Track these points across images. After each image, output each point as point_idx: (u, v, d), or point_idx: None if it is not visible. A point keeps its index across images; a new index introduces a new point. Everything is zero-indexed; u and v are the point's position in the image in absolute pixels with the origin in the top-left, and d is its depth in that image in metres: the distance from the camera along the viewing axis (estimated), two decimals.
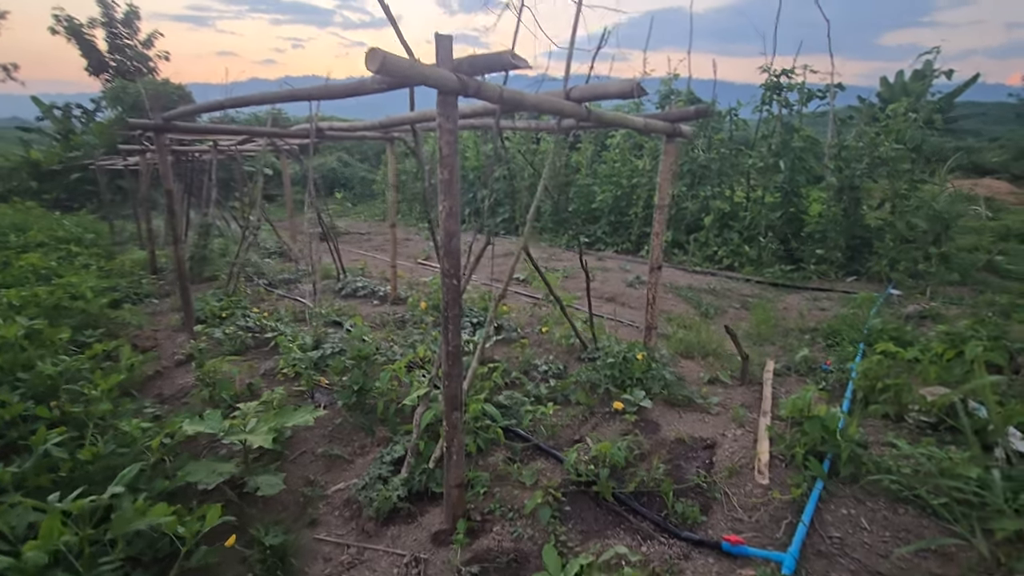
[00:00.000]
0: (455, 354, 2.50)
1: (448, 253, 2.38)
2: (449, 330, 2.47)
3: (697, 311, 6.61)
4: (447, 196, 2.32)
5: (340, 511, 2.83)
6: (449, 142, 2.25)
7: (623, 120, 3.32)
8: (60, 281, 5.70)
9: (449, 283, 2.41)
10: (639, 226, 10.51)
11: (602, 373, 4.08)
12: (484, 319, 5.35)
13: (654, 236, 4.12)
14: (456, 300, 2.44)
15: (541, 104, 2.67)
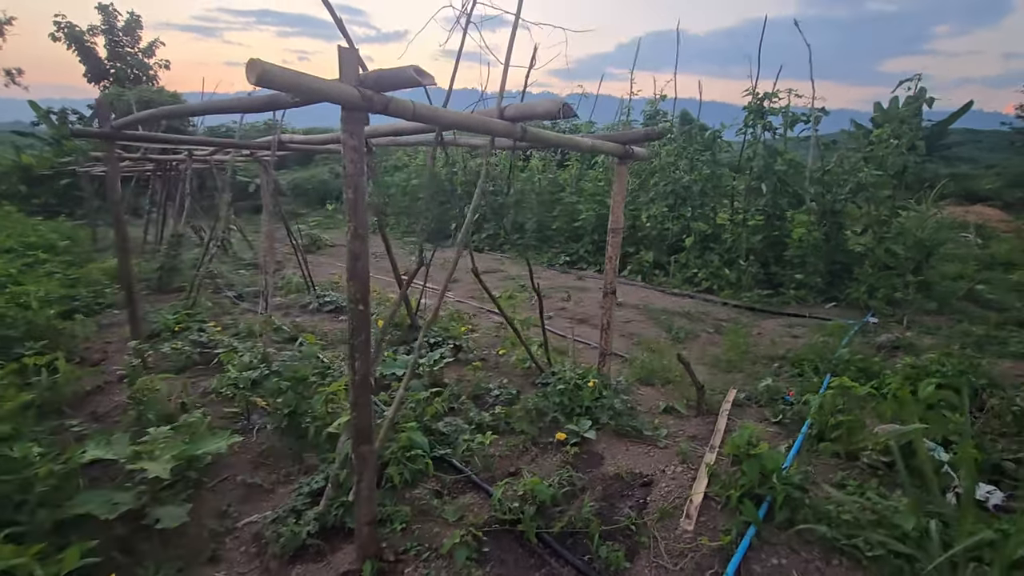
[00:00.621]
0: (363, 384, 2.36)
1: (354, 276, 2.25)
2: (356, 358, 2.33)
3: (668, 335, 6.46)
4: (352, 216, 2.20)
5: (247, 547, 2.66)
6: (354, 160, 2.13)
7: (567, 141, 3.21)
8: (10, 290, 5.57)
9: (355, 309, 2.28)
10: (622, 246, 10.39)
11: (551, 400, 3.93)
12: (443, 339, 5.21)
13: (607, 260, 4.00)
14: (364, 326, 2.30)
15: (463, 122, 2.56)
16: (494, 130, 2.76)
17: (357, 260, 2.24)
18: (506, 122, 2.77)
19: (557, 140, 3.12)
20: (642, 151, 3.82)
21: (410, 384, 3.99)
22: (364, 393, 2.38)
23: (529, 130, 2.88)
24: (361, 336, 2.31)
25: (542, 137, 2.98)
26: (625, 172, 3.84)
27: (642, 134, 3.55)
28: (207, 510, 2.85)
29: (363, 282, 2.27)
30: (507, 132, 2.80)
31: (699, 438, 3.75)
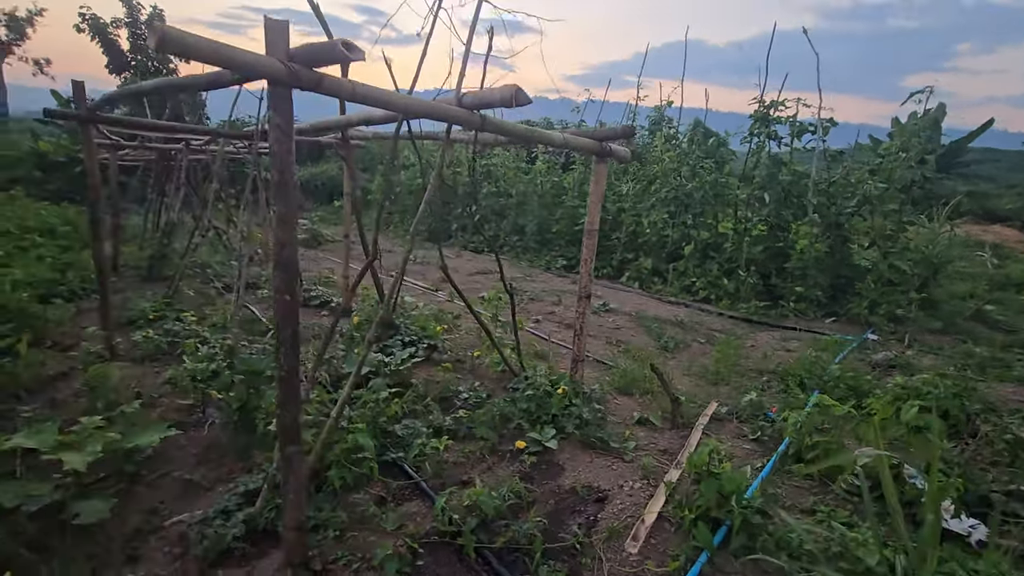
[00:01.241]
0: (289, 380, 2.22)
1: (280, 265, 2.11)
2: (282, 352, 2.19)
3: (657, 344, 6.26)
4: (279, 201, 2.06)
5: (171, 548, 2.53)
6: (279, 140, 2.00)
7: (536, 135, 3.05)
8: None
9: (281, 299, 2.14)
10: (622, 251, 10.21)
11: (517, 406, 3.76)
12: (419, 337, 5.06)
13: (583, 263, 3.83)
14: (290, 319, 2.16)
15: (415, 107, 2.42)
16: (452, 117, 2.61)
17: (283, 248, 2.10)
18: (464, 110, 2.62)
19: (523, 133, 2.96)
20: (622, 150, 3.65)
21: (373, 383, 3.86)
22: (291, 390, 2.23)
23: (489, 119, 2.73)
24: (287, 329, 2.16)
25: (505, 128, 2.82)
26: (604, 171, 3.67)
27: (619, 131, 3.38)
28: (136, 507, 2.72)
29: (289, 272, 2.13)
30: (466, 120, 2.65)
31: (669, 452, 3.56)
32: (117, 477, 2.84)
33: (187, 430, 3.48)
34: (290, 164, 2.04)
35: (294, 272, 2.14)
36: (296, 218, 2.11)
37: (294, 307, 2.16)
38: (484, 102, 2.54)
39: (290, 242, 2.11)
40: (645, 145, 11.41)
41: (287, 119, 2.01)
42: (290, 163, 2.04)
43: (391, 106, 2.30)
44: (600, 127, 13.10)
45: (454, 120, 2.64)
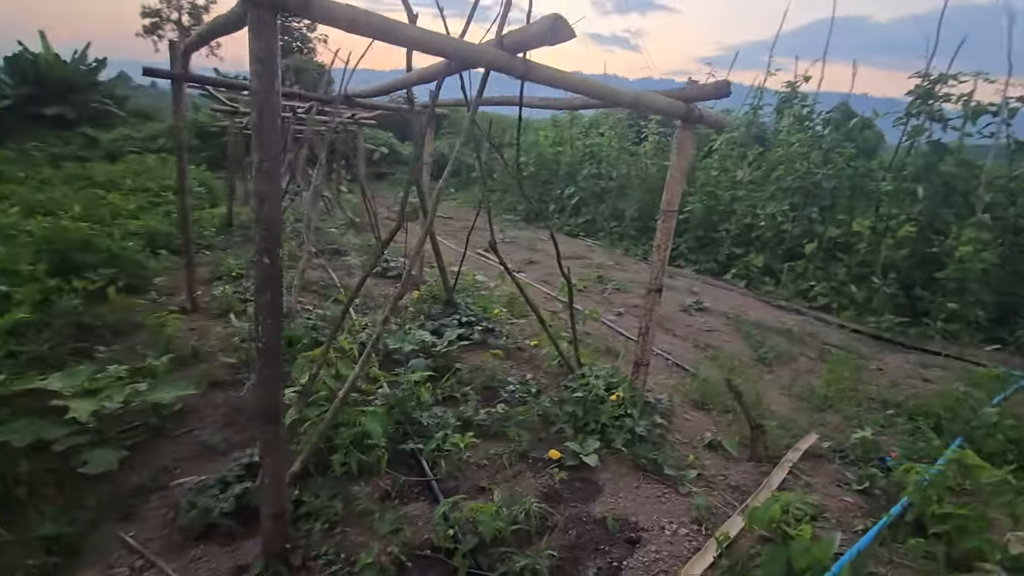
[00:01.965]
0: (270, 352, 1.96)
1: (261, 222, 1.84)
2: (261, 321, 1.93)
3: (754, 353, 5.39)
4: (259, 148, 1.78)
5: (167, 511, 2.44)
6: (258, 73, 1.70)
7: (593, 88, 2.49)
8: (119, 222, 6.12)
9: (261, 262, 1.87)
10: (729, 245, 9.13)
11: (563, 409, 3.30)
12: (478, 319, 4.73)
13: (656, 249, 3.21)
14: (271, 284, 1.89)
15: (438, 45, 2.01)
16: (487, 61, 2.17)
17: (263, 203, 1.83)
18: (503, 52, 2.17)
19: (577, 84, 2.42)
20: (714, 115, 2.97)
21: (412, 364, 3.59)
22: (270, 363, 1.98)
23: (536, 66, 2.25)
24: (267, 295, 1.90)
25: (556, 78, 2.32)
26: (690, 140, 3.01)
27: (710, 89, 2.72)
28: (147, 463, 2.68)
29: (271, 231, 1.85)
30: (505, 65, 2.20)
31: (740, 491, 2.90)
32: (141, 429, 2.84)
33: (227, 390, 3.46)
34: (272, 106, 1.74)
35: (276, 233, 1.86)
36: (278, 169, 1.82)
37: (274, 271, 1.89)
38: (523, 42, 2.06)
39: (271, 196, 1.82)
40: (768, 128, 10.07)
41: (270, 51, 1.70)
42: (272, 104, 1.74)
43: (400, 39, 1.91)
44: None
45: (490, 65, 2.20)
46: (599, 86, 2.47)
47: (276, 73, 1.72)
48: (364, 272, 2.70)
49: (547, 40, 1.88)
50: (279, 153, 1.80)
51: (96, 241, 5.21)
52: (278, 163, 1.81)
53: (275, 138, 1.78)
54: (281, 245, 1.89)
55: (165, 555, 2.20)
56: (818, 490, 3.00)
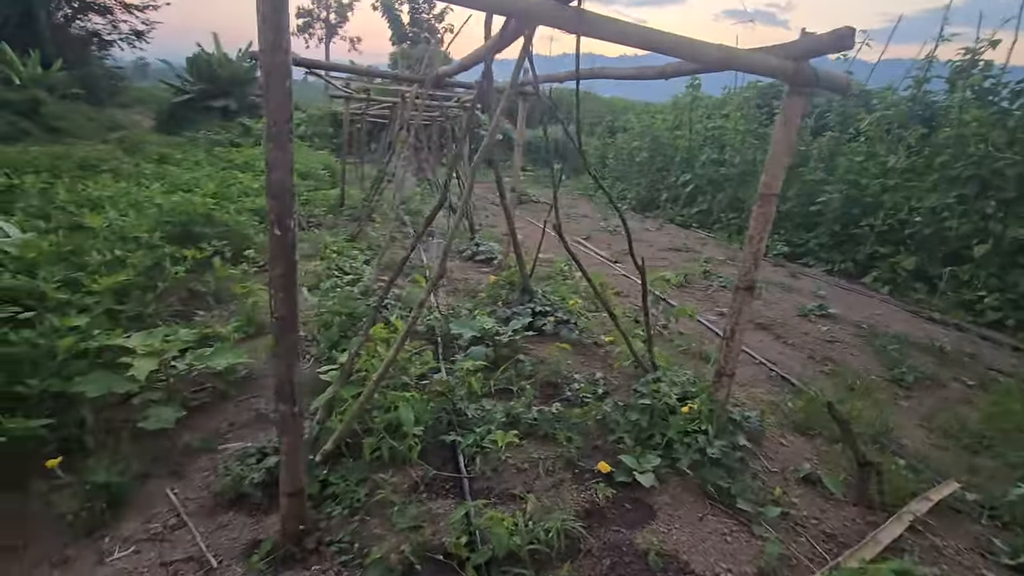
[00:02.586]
0: (283, 328, 1.88)
1: (270, 190, 1.74)
2: (274, 295, 1.85)
3: (887, 372, 4.49)
4: (267, 112, 1.66)
5: (210, 473, 2.52)
6: (262, 30, 1.58)
7: (662, 42, 2.04)
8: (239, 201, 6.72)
9: (272, 234, 1.78)
10: (873, 243, 7.80)
11: (626, 416, 2.93)
12: (553, 309, 4.44)
13: (749, 240, 2.67)
14: (282, 257, 1.80)
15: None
16: (523, 10, 1.88)
17: (272, 170, 1.72)
18: (554, 3, 1.85)
19: (648, 39, 2.00)
20: (835, 76, 2.37)
21: (472, 351, 3.43)
22: (286, 340, 1.90)
23: (590, 15, 1.90)
24: (278, 268, 1.81)
25: (616, 31, 1.94)
26: (799, 108, 2.43)
27: (827, 40, 2.14)
28: (205, 424, 2.81)
29: (283, 200, 1.75)
30: (552, 18, 1.88)
31: (836, 541, 2.34)
32: (208, 392, 2.99)
33: None
34: (280, 66, 1.61)
35: (288, 202, 1.75)
36: (289, 132, 1.70)
37: (286, 242, 1.78)
38: None
39: (281, 163, 1.71)
40: (936, 106, 8.41)
41: (274, 5, 1.57)
42: (279, 65, 1.61)
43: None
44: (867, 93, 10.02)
45: (532, 16, 1.89)
46: (675, 40, 2.04)
47: (282, 30, 1.59)
48: (406, 252, 2.56)
49: None
50: (289, 117, 1.68)
51: (216, 215, 5.74)
52: (288, 128, 1.69)
53: (283, 102, 1.65)
54: (293, 217, 1.78)
55: (197, 516, 2.26)
56: (949, 558, 2.34)
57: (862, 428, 3.35)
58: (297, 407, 2.00)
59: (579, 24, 1.91)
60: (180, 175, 8.72)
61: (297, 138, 18.96)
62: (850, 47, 2.12)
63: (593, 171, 2.93)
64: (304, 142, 18.35)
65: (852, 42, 2.11)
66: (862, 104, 9.90)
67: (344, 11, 51.83)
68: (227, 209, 6.16)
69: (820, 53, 2.23)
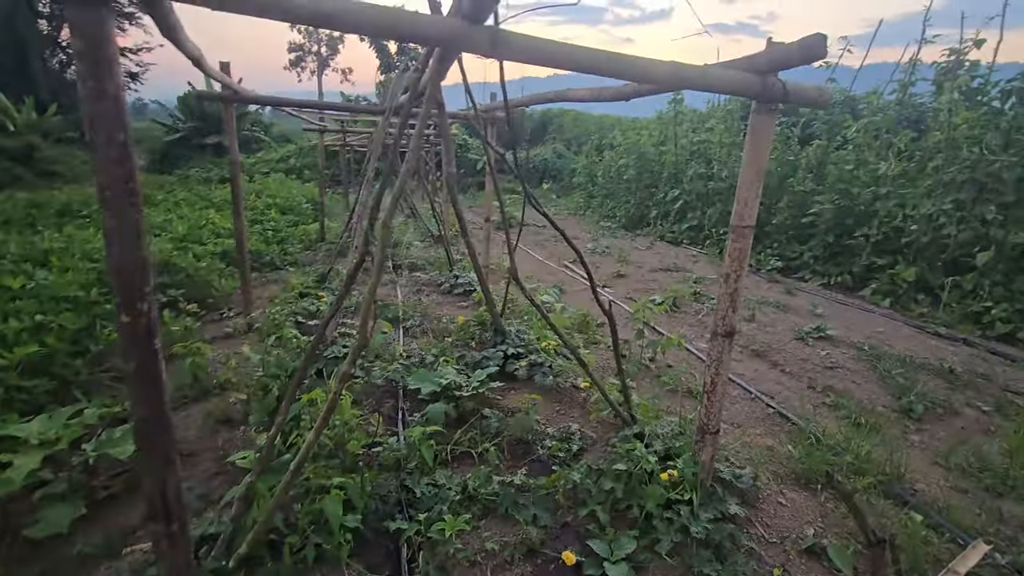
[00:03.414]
0: (153, 432, 1.53)
1: (114, 269, 1.40)
2: (132, 395, 1.50)
3: (894, 402, 4.12)
4: (99, 171, 1.34)
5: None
6: (83, 74, 1.26)
7: (599, 61, 1.73)
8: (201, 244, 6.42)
9: (120, 321, 1.43)
10: (869, 254, 7.47)
11: (599, 485, 2.55)
12: (527, 350, 4.09)
13: (725, 279, 2.33)
14: (137, 346, 1.45)
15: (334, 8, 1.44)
16: (430, 36, 1.57)
17: (113, 245, 1.39)
18: (457, 21, 1.55)
19: (576, 59, 1.69)
20: (807, 89, 2.06)
21: (430, 410, 3.08)
22: (155, 446, 1.54)
23: (507, 38, 1.60)
24: (133, 361, 1.46)
25: (539, 51, 1.63)
26: (768, 127, 2.12)
27: (795, 51, 1.84)
28: (111, 520, 2.43)
29: (129, 279, 1.41)
30: (463, 40, 1.57)
31: None
32: (122, 479, 2.62)
33: (234, 428, 3.20)
34: (106, 116, 1.29)
35: (137, 280, 1.41)
36: (132, 196, 1.37)
37: (139, 330, 1.44)
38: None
39: (124, 237, 1.38)
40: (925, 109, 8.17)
41: (95, 45, 1.25)
42: (105, 115, 1.29)
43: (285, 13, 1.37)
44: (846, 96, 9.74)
45: (439, 39, 1.58)
46: (612, 59, 1.73)
47: (105, 71, 1.27)
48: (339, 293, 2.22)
49: None
50: (129, 177, 1.35)
51: (176, 261, 5.43)
52: (128, 189, 1.36)
53: (117, 160, 1.33)
54: (146, 297, 1.44)
55: None
56: None
57: (870, 475, 2.97)
58: (176, 524, 1.63)
59: (494, 47, 1.59)
60: (154, 217, 8.45)
61: (284, 172, 18.88)
62: (821, 56, 1.81)
63: (528, 188, 2.61)
64: (291, 176, 18.17)
65: (824, 51, 1.80)
66: (848, 111, 9.68)
67: (335, 44, 52.51)
68: (192, 252, 5.86)
69: (788, 65, 1.92)
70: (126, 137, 1.33)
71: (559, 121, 25.35)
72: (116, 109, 1.30)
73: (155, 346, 1.49)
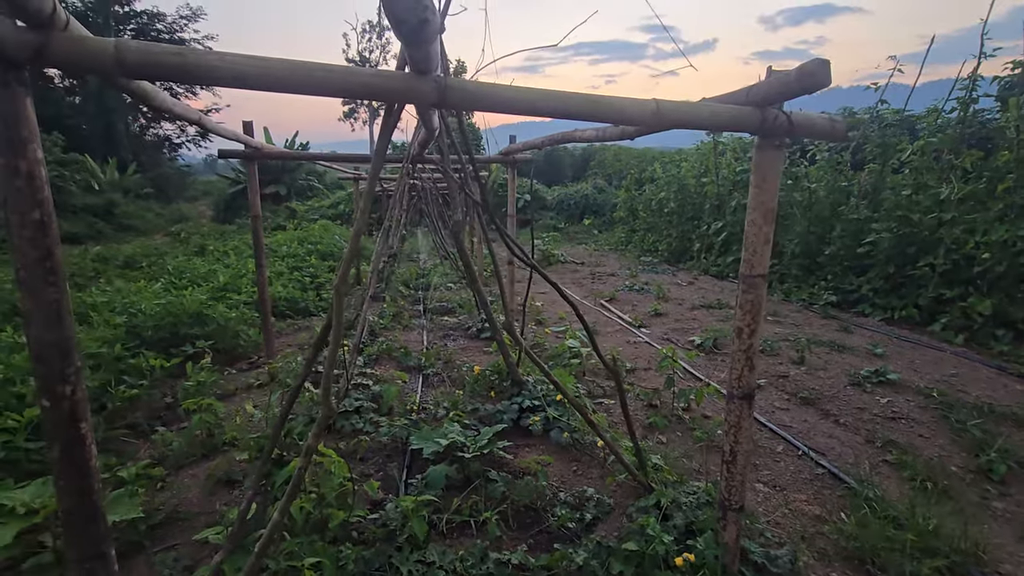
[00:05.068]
0: (79, 524, 1.42)
1: (34, 353, 1.32)
2: (58, 485, 1.40)
3: (970, 460, 3.57)
4: (17, 253, 1.28)
5: None
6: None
7: (550, 104, 1.55)
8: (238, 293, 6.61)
9: (41, 405, 1.35)
10: (935, 286, 6.79)
11: (608, 567, 2.25)
12: (545, 403, 3.84)
13: (738, 334, 2.04)
14: (60, 435, 1.36)
15: (281, 75, 1.35)
16: (374, 90, 1.46)
17: (31, 326, 1.31)
18: (401, 74, 1.44)
19: (533, 104, 1.52)
20: (814, 120, 1.81)
21: (430, 473, 2.89)
22: (81, 540, 1.43)
23: (452, 83, 1.47)
24: (55, 450, 1.36)
25: (488, 96, 1.49)
26: (773, 164, 1.87)
27: (793, 79, 1.61)
28: None
29: (49, 363, 1.33)
30: (410, 93, 1.46)
31: None
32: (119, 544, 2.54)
33: (235, 490, 3.11)
34: (20, 194, 1.23)
35: (58, 364, 1.33)
36: (51, 276, 1.30)
37: (60, 417, 1.35)
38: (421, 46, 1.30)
39: (43, 317, 1.30)
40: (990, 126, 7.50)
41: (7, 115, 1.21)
42: (19, 192, 1.23)
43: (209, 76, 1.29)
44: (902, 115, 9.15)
45: (383, 94, 1.47)
46: (580, 101, 1.56)
47: (20, 154, 1.22)
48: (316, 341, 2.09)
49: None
50: (45, 256, 1.28)
51: (208, 312, 5.57)
52: (46, 268, 1.29)
53: (34, 237, 1.27)
54: (70, 379, 1.35)
55: None
56: None
57: (940, 555, 2.51)
58: None
59: (442, 96, 1.46)
60: (200, 267, 8.86)
61: (332, 217, 19.60)
62: (824, 84, 1.58)
63: (500, 226, 2.43)
64: (337, 222, 18.84)
65: (827, 78, 1.57)
66: (905, 131, 9.06)
67: None
68: (228, 302, 6.02)
69: (789, 96, 1.69)
70: (43, 215, 1.27)
71: (600, 156, 25.38)
72: (30, 187, 1.24)
73: (82, 431, 1.39)
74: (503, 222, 5.66)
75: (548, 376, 2.82)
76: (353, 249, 1.90)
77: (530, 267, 2.49)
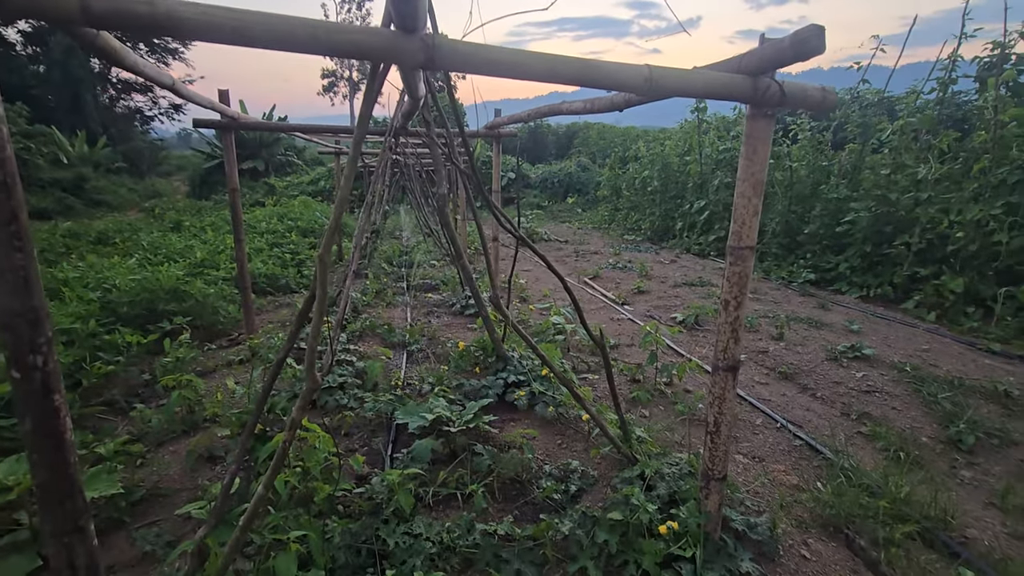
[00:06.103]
0: (53, 499, 1.38)
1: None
2: (31, 459, 1.36)
3: (940, 429, 3.69)
4: None
5: None
6: None
7: (538, 67, 1.52)
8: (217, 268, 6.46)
9: (11, 377, 1.29)
10: (910, 264, 6.94)
11: (593, 536, 2.29)
12: (530, 378, 3.85)
13: (724, 307, 2.05)
14: (32, 406, 1.31)
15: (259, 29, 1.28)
16: (357, 47, 1.40)
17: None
18: (386, 31, 1.38)
19: (521, 67, 1.48)
20: (805, 89, 1.80)
21: (416, 447, 2.88)
22: (57, 515, 1.39)
23: (440, 42, 1.41)
24: (28, 422, 1.32)
25: (478, 57, 1.44)
26: (764, 135, 1.86)
27: (787, 46, 1.59)
28: None
29: (17, 332, 1.27)
30: (393, 52, 1.40)
31: None
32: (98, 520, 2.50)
33: (216, 466, 3.08)
34: None
35: (26, 333, 1.27)
36: (22, 227, 1.23)
37: (33, 387, 1.30)
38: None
39: (9, 277, 1.24)
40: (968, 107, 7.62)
41: None
42: None
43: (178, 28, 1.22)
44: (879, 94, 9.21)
45: (367, 53, 1.41)
46: (571, 64, 1.52)
47: None
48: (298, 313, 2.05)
49: None
50: (13, 219, 1.21)
51: (185, 288, 5.43)
52: (14, 233, 1.22)
53: (1, 201, 1.20)
54: (41, 350, 1.29)
55: None
56: None
57: (912, 521, 2.60)
58: None
59: (429, 57, 1.41)
60: (177, 243, 8.63)
61: (312, 194, 19.21)
62: (819, 51, 1.56)
63: (488, 197, 2.40)
64: (318, 198, 18.47)
65: (822, 45, 1.55)
66: (884, 112, 9.16)
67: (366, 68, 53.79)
68: (207, 278, 5.88)
69: (782, 63, 1.67)
70: (5, 176, 1.19)
71: (584, 134, 25.20)
72: None
73: (55, 403, 1.34)
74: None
75: (535, 349, 2.81)
76: (337, 218, 1.84)
77: (518, 240, 2.46)
